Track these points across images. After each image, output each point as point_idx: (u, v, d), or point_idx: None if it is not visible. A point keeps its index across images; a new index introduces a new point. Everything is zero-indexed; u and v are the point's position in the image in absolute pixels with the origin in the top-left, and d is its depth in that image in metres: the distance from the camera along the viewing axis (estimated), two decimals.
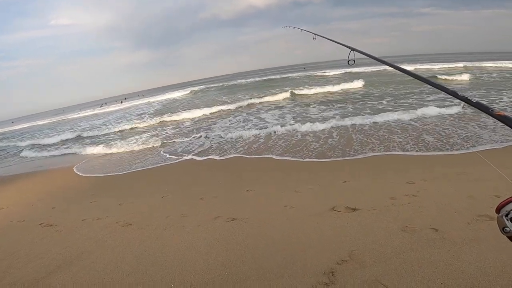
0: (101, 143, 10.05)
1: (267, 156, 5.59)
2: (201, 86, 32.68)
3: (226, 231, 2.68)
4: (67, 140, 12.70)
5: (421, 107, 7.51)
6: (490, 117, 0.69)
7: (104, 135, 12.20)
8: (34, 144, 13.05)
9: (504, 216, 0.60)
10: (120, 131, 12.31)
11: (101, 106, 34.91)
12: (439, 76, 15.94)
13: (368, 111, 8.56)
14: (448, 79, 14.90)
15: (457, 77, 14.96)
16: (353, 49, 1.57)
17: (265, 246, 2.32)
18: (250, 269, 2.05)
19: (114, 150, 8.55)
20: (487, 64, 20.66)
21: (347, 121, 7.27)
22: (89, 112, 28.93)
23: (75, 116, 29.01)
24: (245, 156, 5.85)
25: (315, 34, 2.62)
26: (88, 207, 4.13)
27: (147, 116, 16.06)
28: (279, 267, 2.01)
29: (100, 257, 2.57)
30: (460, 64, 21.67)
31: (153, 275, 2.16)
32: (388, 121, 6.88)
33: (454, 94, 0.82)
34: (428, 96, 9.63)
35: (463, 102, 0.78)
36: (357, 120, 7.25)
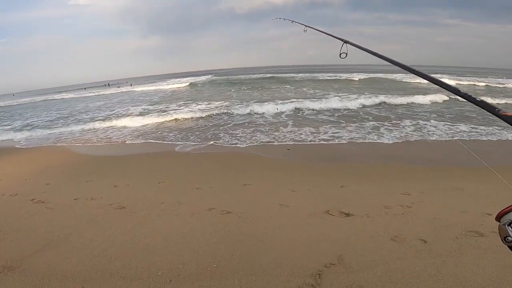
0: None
1: (268, 153, 5.58)
2: (204, 78, 32.12)
3: (220, 223, 2.68)
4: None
5: None
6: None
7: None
8: None
9: (507, 225, 0.57)
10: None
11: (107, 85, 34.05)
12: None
13: None
14: None
15: None
16: (346, 42, 1.51)
17: (256, 242, 2.33)
18: (239, 263, 2.07)
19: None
20: None
21: None
22: (96, 93, 28.13)
23: (85, 95, 28.01)
24: (246, 151, 5.85)
25: (306, 26, 2.50)
26: (83, 186, 4.11)
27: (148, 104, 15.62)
28: (269, 265, 2.02)
29: (90, 238, 2.57)
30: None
31: (142, 261, 2.16)
32: None
33: (456, 91, 0.77)
34: None
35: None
36: None
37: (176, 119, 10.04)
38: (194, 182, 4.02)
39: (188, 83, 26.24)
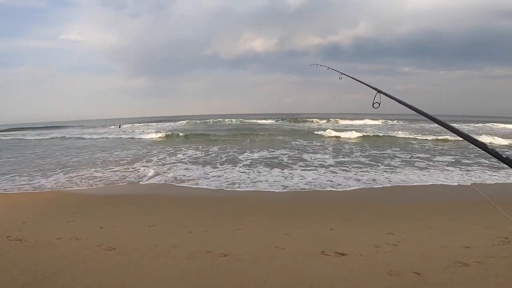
0: None
1: (257, 198, 5.71)
2: (182, 123, 35.48)
3: (219, 265, 2.66)
4: None
5: None
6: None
7: None
8: None
9: None
10: None
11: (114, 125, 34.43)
12: None
13: None
14: None
15: None
16: (379, 91, 1.53)
17: (258, 283, 2.35)
18: None
19: None
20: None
21: None
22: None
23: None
24: (234, 195, 5.92)
25: (341, 73, 2.59)
26: (65, 226, 3.80)
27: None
28: None
29: (78, 278, 2.40)
30: None
31: None
32: None
33: (483, 147, 0.77)
34: None
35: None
36: None
37: (157, 164, 9.87)
38: (186, 226, 3.93)
39: (164, 134, 21.42)
